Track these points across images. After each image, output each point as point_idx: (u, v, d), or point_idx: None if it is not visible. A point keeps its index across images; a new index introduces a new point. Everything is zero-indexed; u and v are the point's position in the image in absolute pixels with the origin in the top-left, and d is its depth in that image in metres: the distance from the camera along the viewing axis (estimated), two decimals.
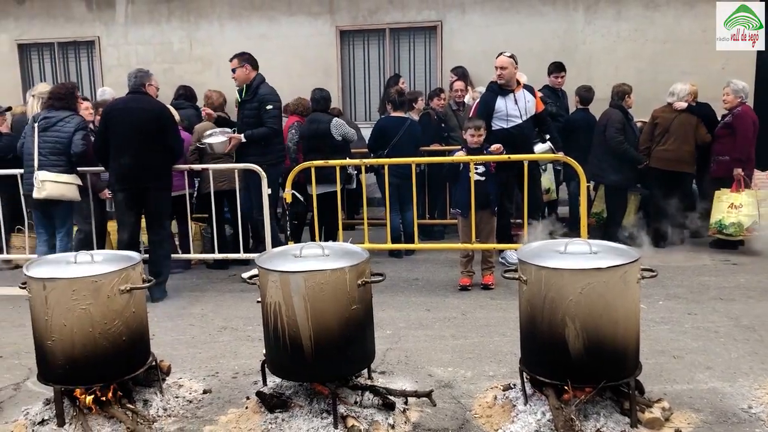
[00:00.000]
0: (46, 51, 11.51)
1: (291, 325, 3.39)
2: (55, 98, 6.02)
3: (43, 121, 5.92)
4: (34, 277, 3.49)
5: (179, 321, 5.39)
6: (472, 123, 5.90)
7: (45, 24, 11.26)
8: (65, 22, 11.18)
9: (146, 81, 5.98)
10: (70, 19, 11.16)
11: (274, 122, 6.46)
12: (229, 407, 3.79)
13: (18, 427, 3.57)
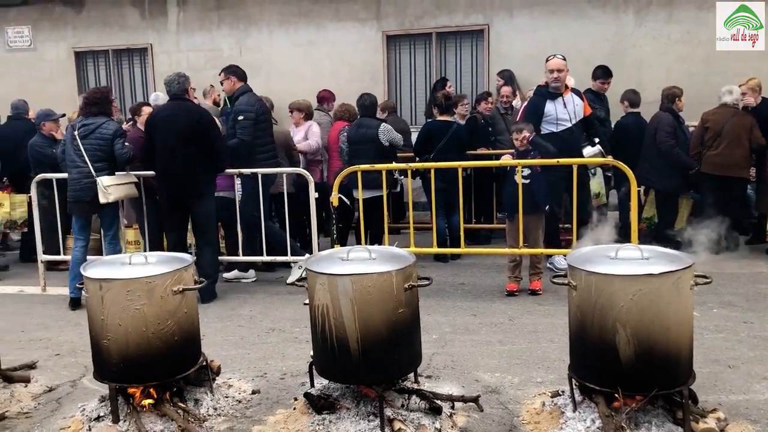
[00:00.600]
0: (101, 58, 11.86)
1: (338, 328, 3.42)
2: (91, 104, 6.04)
3: (82, 128, 5.95)
4: (91, 277, 3.60)
5: (228, 322, 5.48)
6: (516, 126, 5.90)
7: (100, 32, 11.61)
8: (119, 30, 11.51)
9: (188, 86, 6.10)
10: (124, 27, 11.48)
11: (243, 133, 6.36)
12: (277, 408, 3.84)
13: (75, 422, 3.68)
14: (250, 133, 6.38)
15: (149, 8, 11.30)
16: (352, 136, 7.06)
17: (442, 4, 10.17)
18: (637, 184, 5.85)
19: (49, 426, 3.74)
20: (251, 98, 6.55)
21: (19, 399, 4.07)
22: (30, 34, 11.95)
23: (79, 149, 5.93)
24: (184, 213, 6.03)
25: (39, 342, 5.20)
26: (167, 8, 11.21)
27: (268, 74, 10.79)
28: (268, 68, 10.84)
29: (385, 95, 10.26)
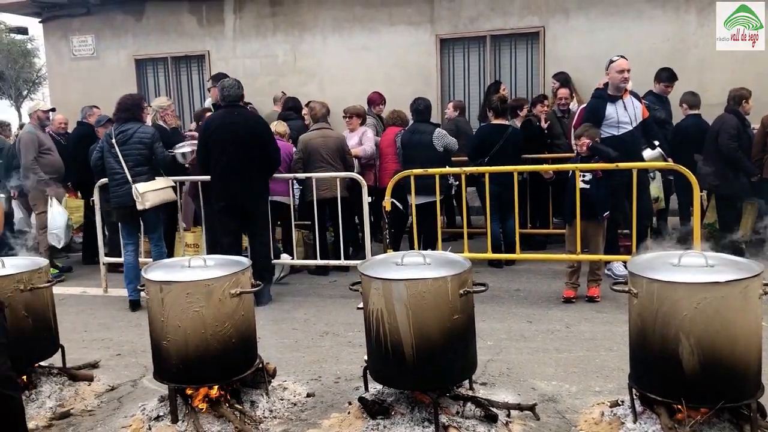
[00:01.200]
0: (160, 65, 12.17)
1: (393, 333, 3.41)
2: (123, 110, 6.13)
3: (120, 135, 6.05)
4: (152, 280, 3.68)
5: (283, 325, 5.54)
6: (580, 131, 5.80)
7: (159, 39, 11.91)
8: (178, 38, 11.79)
9: (242, 93, 6.19)
10: (182, 34, 11.75)
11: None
12: (332, 411, 3.85)
13: (136, 421, 3.77)
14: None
15: (207, 16, 11.54)
16: (405, 142, 7.05)
17: (497, 7, 10.08)
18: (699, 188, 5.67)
19: (111, 424, 3.84)
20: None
21: (83, 397, 4.20)
22: (93, 42, 12.35)
23: (117, 156, 6.02)
24: (239, 217, 6.13)
25: (101, 342, 5.35)
26: (224, 15, 11.42)
27: (322, 79, 10.90)
28: (322, 73, 10.94)
29: (438, 99, 10.22)
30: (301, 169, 6.89)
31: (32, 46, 22.56)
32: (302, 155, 6.92)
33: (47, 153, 7.57)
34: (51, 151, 7.65)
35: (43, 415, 3.94)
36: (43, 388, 4.15)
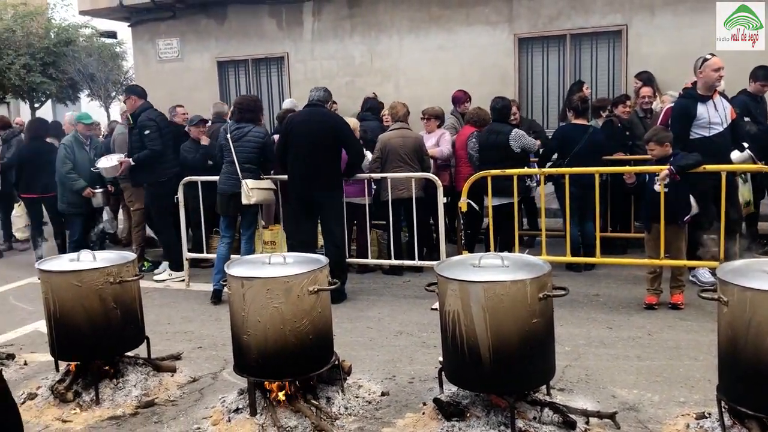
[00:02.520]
0: (241, 67, 12.50)
1: (469, 335, 3.38)
2: (246, 110, 6.42)
3: (235, 131, 6.36)
4: (234, 275, 3.78)
5: (357, 323, 5.58)
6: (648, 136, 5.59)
7: (240, 42, 12.24)
8: (258, 40, 12.08)
9: (330, 100, 6.30)
10: (262, 37, 12.03)
11: (152, 144, 7.13)
12: (406, 411, 3.85)
13: (216, 413, 3.88)
14: (159, 143, 7.15)
15: (286, 18, 11.77)
16: (482, 142, 6.97)
17: (578, 5, 9.86)
18: None
19: (193, 415, 3.96)
20: (152, 113, 7.32)
21: (166, 387, 4.35)
22: (178, 45, 12.80)
23: (230, 150, 6.32)
24: (313, 215, 6.22)
25: (183, 334, 5.53)
26: (303, 18, 11.63)
27: (398, 80, 10.94)
28: (398, 74, 10.99)
29: (516, 99, 10.08)
30: (379, 168, 6.91)
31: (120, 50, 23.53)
32: (380, 155, 6.95)
33: None
34: None
35: (129, 404, 4.11)
36: (129, 377, 4.32)
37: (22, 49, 20.62)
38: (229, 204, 6.46)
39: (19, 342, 5.49)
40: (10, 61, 20.33)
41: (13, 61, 20.33)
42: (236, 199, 6.31)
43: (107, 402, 4.11)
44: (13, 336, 5.66)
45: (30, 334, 5.72)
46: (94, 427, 3.87)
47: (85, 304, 4.09)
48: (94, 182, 7.72)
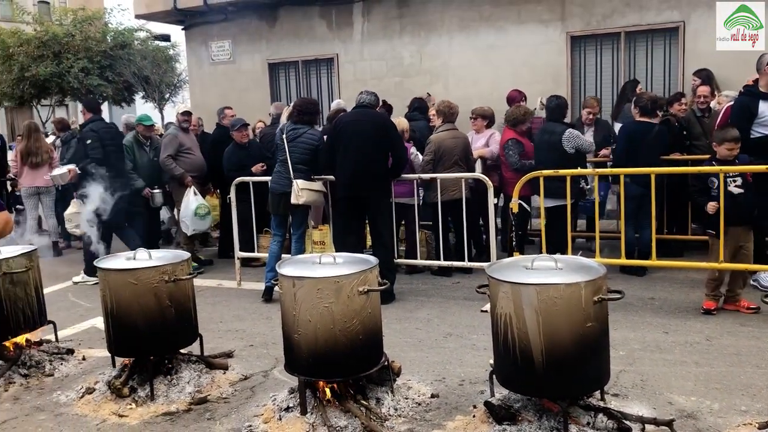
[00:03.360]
0: (291, 69, 12.62)
1: (521, 338, 3.33)
2: (304, 113, 6.48)
3: (291, 132, 6.44)
4: (285, 275, 3.80)
5: (406, 324, 5.57)
6: (729, 135, 5.35)
7: (291, 44, 12.35)
8: (309, 42, 12.17)
9: (378, 104, 6.32)
10: (313, 38, 12.12)
11: (93, 153, 7.36)
12: (456, 414, 3.82)
13: (267, 411, 3.92)
14: (99, 153, 7.35)
15: (336, 20, 11.83)
16: (537, 142, 6.88)
17: (633, 2, 9.64)
18: None
19: (245, 412, 4.01)
20: (96, 125, 7.53)
21: (218, 384, 4.41)
22: (230, 47, 13.00)
23: (284, 150, 6.41)
24: (361, 216, 6.23)
25: (235, 333, 5.60)
26: (353, 19, 11.67)
27: (447, 80, 10.89)
28: (447, 74, 10.93)
29: (568, 99, 9.89)
30: (431, 169, 6.85)
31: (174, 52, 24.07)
32: (434, 156, 6.90)
33: (188, 153, 8.03)
34: (192, 151, 8.10)
35: (183, 400, 4.18)
36: (183, 374, 4.40)
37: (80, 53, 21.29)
38: (279, 203, 6.54)
39: (78, 338, 5.65)
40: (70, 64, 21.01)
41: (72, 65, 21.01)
42: (286, 198, 6.38)
43: (161, 398, 4.18)
44: (72, 332, 5.82)
45: (88, 330, 5.88)
46: (149, 423, 3.95)
47: (141, 302, 4.18)
48: (153, 182, 7.91)
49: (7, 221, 2.93)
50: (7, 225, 2.91)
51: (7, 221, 2.93)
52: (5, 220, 2.90)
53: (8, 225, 2.92)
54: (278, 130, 6.72)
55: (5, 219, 2.90)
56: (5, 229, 2.90)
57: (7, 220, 2.93)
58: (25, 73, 21.21)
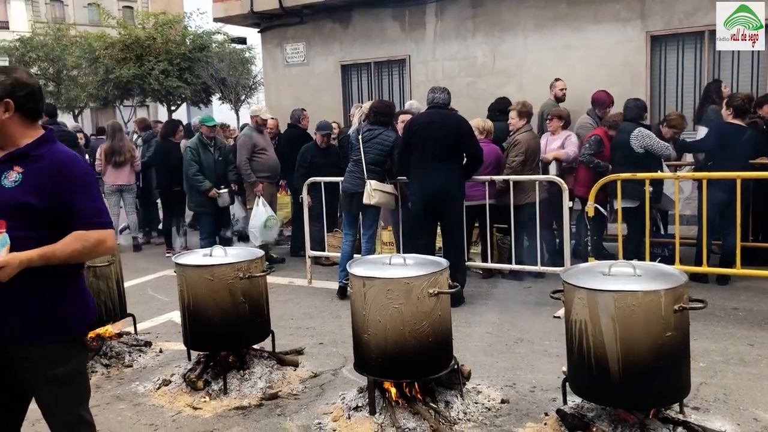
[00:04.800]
0: (363, 70, 12.70)
1: (597, 346, 3.24)
2: (381, 113, 6.55)
3: (367, 132, 6.51)
4: (355, 275, 3.82)
5: (476, 328, 5.50)
6: None
7: (364, 45, 12.43)
8: (381, 43, 12.22)
9: (449, 98, 6.26)
10: (385, 40, 12.16)
11: None
12: (527, 421, 3.75)
13: (336, 409, 3.94)
14: None
15: (409, 21, 11.83)
16: (612, 141, 6.69)
17: None
18: None
19: (314, 409, 4.05)
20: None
21: (289, 381, 4.47)
22: (304, 50, 13.19)
23: (358, 150, 6.46)
24: (434, 217, 6.19)
25: (305, 330, 5.67)
26: (425, 20, 11.64)
27: (521, 80, 10.72)
28: (521, 74, 10.76)
29: (647, 100, 9.58)
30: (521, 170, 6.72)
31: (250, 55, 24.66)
32: (524, 157, 6.75)
33: (262, 153, 8.19)
34: (266, 151, 8.26)
35: (255, 395, 4.26)
36: (255, 369, 4.48)
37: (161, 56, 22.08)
38: (351, 202, 6.60)
39: (156, 330, 5.84)
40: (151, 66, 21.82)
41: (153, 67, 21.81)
42: (358, 198, 6.43)
43: (234, 392, 4.27)
44: (150, 325, 6.03)
45: (165, 324, 6.07)
46: (222, 416, 4.04)
47: (216, 298, 4.28)
48: (219, 182, 8.11)
49: (100, 241, 2.55)
50: (100, 245, 2.55)
51: (100, 241, 2.55)
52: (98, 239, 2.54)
53: (102, 245, 2.56)
54: (354, 130, 6.79)
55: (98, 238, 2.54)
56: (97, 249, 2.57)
57: (100, 240, 2.55)
58: (109, 75, 22.19)
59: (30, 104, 2.57)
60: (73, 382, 2.64)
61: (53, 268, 2.51)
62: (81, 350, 2.71)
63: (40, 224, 2.50)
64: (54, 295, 2.56)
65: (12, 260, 2.37)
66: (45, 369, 2.56)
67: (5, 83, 2.51)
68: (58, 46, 27.43)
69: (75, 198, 2.51)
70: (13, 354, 2.58)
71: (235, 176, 8.32)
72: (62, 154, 2.57)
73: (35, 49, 27.53)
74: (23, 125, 2.56)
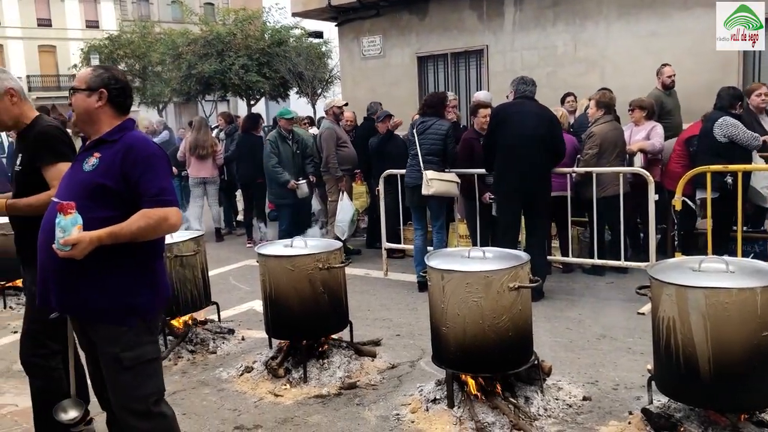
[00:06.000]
0: (440, 61, 12.61)
1: (686, 344, 3.12)
2: (428, 105, 6.66)
3: (420, 125, 6.56)
4: (434, 267, 3.81)
5: (556, 323, 5.40)
6: None
7: (440, 36, 12.34)
8: (458, 34, 12.10)
9: (535, 89, 6.15)
10: (462, 30, 12.04)
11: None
12: (610, 419, 3.66)
13: (414, 401, 3.95)
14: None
15: (487, 11, 11.67)
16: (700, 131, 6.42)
17: None
18: None
19: (392, 400, 4.07)
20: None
21: (367, 371, 4.51)
22: (381, 42, 13.21)
23: (414, 144, 6.51)
24: (521, 210, 6.09)
25: (382, 321, 5.71)
26: (504, 9, 11.45)
27: (604, 69, 10.39)
28: (604, 63, 10.43)
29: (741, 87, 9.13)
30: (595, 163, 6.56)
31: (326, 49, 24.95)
32: (599, 149, 6.57)
33: (344, 146, 8.28)
34: (346, 144, 8.35)
35: (334, 384, 4.32)
36: (334, 359, 4.55)
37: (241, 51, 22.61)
38: (413, 195, 6.63)
39: (238, 319, 6.01)
40: (231, 62, 22.39)
41: (233, 62, 22.38)
42: (419, 190, 6.43)
43: (314, 381, 4.35)
44: (232, 313, 6.20)
45: (247, 312, 6.23)
46: (302, 404, 4.12)
47: (297, 287, 4.36)
48: (297, 174, 8.24)
49: (164, 218, 2.61)
50: (164, 222, 2.61)
51: (164, 218, 2.61)
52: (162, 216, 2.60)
53: (165, 222, 2.62)
54: (410, 125, 6.79)
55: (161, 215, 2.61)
56: (161, 226, 2.63)
57: (164, 217, 2.61)
58: (191, 70, 22.91)
59: (120, 98, 2.80)
60: (140, 370, 2.70)
61: (128, 251, 2.63)
62: (150, 339, 2.78)
63: (114, 205, 2.63)
64: (127, 277, 2.68)
65: (83, 238, 2.50)
66: (112, 349, 2.67)
67: (103, 76, 2.77)
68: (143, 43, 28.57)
69: (141, 177, 2.62)
70: (90, 331, 2.75)
71: (313, 168, 8.45)
72: (134, 137, 2.73)
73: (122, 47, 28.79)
74: (111, 116, 2.78)
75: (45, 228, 2.68)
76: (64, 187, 2.75)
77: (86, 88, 2.75)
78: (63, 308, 2.75)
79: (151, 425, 2.74)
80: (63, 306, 2.73)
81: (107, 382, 2.77)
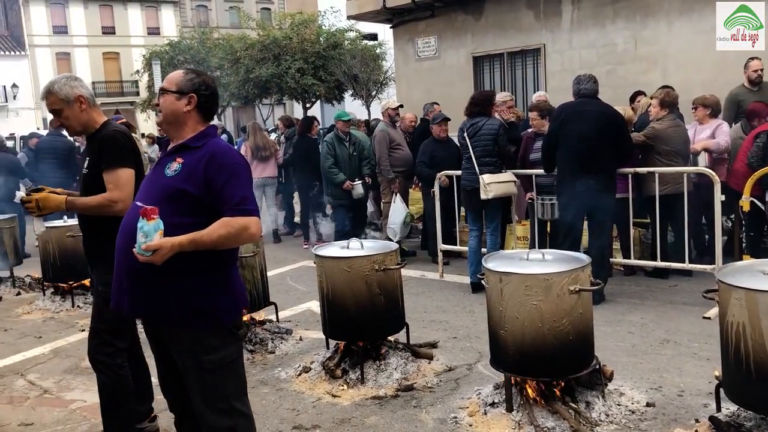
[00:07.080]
0: (496, 61, 12.49)
1: (757, 351, 3.00)
2: (474, 104, 6.56)
3: (470, 128, 6.46)
4: (491, 270, 3.77)
5: (618, 327, 5.28)
6: None
7: (496, 36, 12.22)
8: (515, 33, 11.96)
9: (597, 88, 6.01)
10: (519, 30, 11.90)
11: None
12: (675, 426, 3.55)
13: (472, 404, 3.92)
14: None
15: (544, 9, 11.50)
16: None
17: None
18: None
19: (450, 403, 4.04)
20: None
21: (423, 374, 4.50)
22: (436, 43, 13.18)
23: (467, 147, 6.45)
24: (584, 211, 5.96)
25: (438, 324, 5.68)
26: (561, 8, 11.26)
27: (665, 66, 10.11)
28: (665, 60, 10.15)
29: None
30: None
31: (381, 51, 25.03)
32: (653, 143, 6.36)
33: (398, 148, 8.30)
34: (401, 146, 8.36)
35: (390, 386, 4.32)
36: (390, 360, 4.54)
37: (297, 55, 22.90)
38: (470, 199, 6.57)
39: (295, 319, 6.08)
40: (287, 65, 22.70)
41: (289, 66, 22.68)
42: (476, 193, 6.36)
43: (371, 382, 4.35)
44: (290, 313, 6.28)
45: (304, 312, 6.30)
46: (359, 405, 4.13)
47: (353, 289, 4.38)
48: (353, 175, 8.29)
49: (244, 227, 2.61)
50: (244, 231, 2.60)
51: (244, 227, 2.61)
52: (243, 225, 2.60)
53: (246, 231, 2.61)
54: (459, 128, 6.70)
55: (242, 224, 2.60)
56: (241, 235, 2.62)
57: (245, 226, 2.60)
58: (249, 74, 23.33)
59: (208, 105, 2.81)
60: (222, 372, 2.70)
61: (206, 257, 2.63)
62: (231, 341, 2.76)
63: (193, 211, 2.63)
64: (204, 282, 2.67)
65: (165, 243, 2.50)
66: (192, 354, 2.68)
67: (195, 80, 2.78)
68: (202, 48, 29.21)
69: (224, 185, 2.61)
70: (166, 335, 2.76)
71: (369, 170, 8.49)
72: (218, 145, 2.74)
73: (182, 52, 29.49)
74: (197, 121, 2.78)
75: (125, 230, 2.69)
76: (144, 190, 2.76)
77: (177, 90, 2.74)
78: (136, 312, 2.76)
79: (232, 423, 2.74)
80: (137, 310, 2.73)
81: (188, 383, 2.76)
